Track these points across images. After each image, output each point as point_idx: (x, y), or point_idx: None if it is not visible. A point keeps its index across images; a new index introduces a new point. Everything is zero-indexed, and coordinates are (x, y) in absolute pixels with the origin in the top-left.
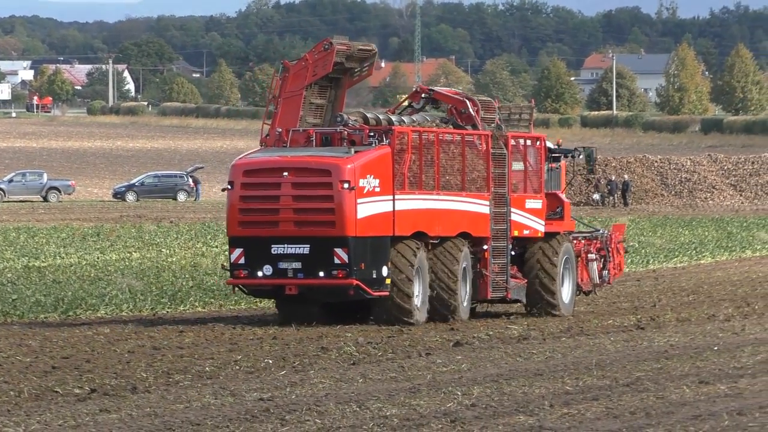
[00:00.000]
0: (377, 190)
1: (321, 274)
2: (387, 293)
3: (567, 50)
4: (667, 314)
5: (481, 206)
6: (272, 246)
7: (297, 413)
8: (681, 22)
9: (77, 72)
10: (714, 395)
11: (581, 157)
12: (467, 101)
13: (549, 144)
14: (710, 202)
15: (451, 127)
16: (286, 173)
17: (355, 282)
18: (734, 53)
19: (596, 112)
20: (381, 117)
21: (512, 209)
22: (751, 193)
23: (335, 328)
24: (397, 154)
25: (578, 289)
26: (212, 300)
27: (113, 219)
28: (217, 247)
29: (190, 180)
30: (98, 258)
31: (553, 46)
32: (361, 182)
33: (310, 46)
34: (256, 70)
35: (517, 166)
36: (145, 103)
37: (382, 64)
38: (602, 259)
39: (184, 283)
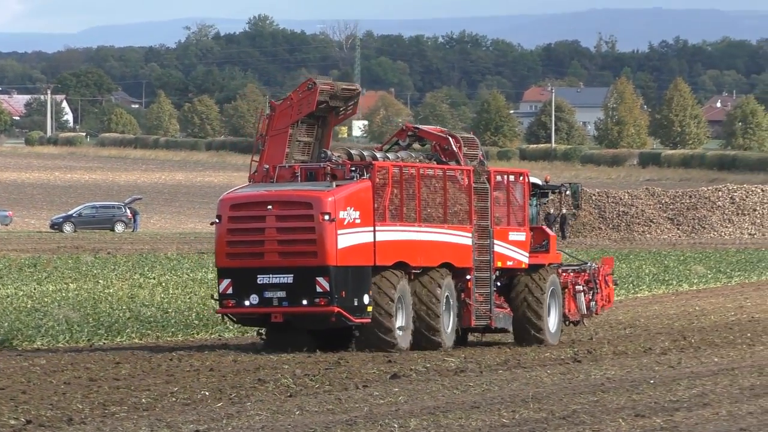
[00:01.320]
0: (357, 221)
1: (304, 302)
2: (368, 320)
3: (506, 83)
4: (603, 347)
5: (464, 238)
6: (258, 276)
7: None
8: (620, 56)
9: (15, 102)
10: (650, 429)
11: (568, 193)
12: (450, 138)
13: (537, 180)
14: (648, 235)
15: (434, 162)
16: (270, 206)
17: (337, 309)
18: (673, 87)
19: (535, 145)
20: (366, 153)
21: (495, 241)
22: (688, 227)
23: (272, 359)
24: (378, 188)
25: (566, 320)
26: (149, 332)
27: (50, 250)
28: (154, 278)
29: (128, 211)
30: (35, 289)
31: (492, 79)
32: (342, 214)
33: (250, 78)
34: (195, 101)
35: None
36: (84, 134)
37: None
38: (590, 291)
39: (121, 315)
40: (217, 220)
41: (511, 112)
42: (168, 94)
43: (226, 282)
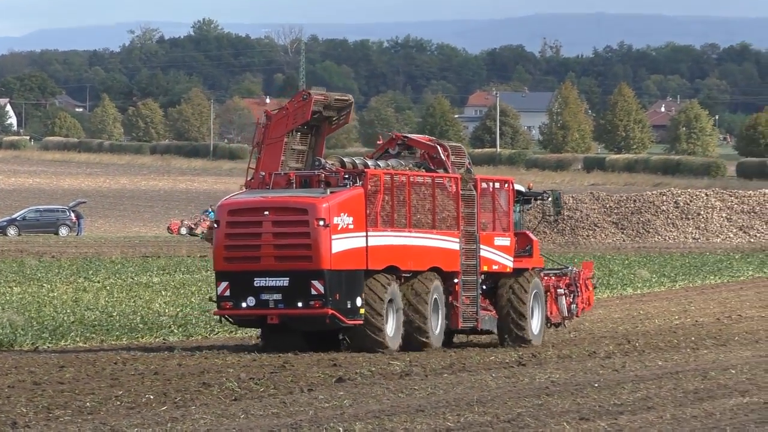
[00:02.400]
0: (351, 227)
1: (299, 304)
2: (361, 322)
3: (451, 88)
4: (548, 351)
5: (452, 243)
6: (255, 279)
7: None
8: (564, 61)
9: None
10: None
11: (549, 199)
12: (438, 147)
13: (520, 187)
14: (592, 239)
15: (423, 170)
16: (266, 212)
17: (331, 311)
18: (617, 92)
19: (480, 150)
20: (357, 161)
21: (482, 246)
22: (632, 231)
23: (217, 363)
24: (370, 195)
25: (548, 321)
26: (93, 335)
27: None
28: (98, 282)
29: (73, 215)
30: None
31: (437, 84)
32: (336, 220)
33: (195, 82)
34: (140, 104)
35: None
36: (28, 138)
37: (267, 100)
38: (571, 294)
39: (65, 318)
40: (216, 225)
41: (456, 116)
42: (112, 97)
43: (223, 284)
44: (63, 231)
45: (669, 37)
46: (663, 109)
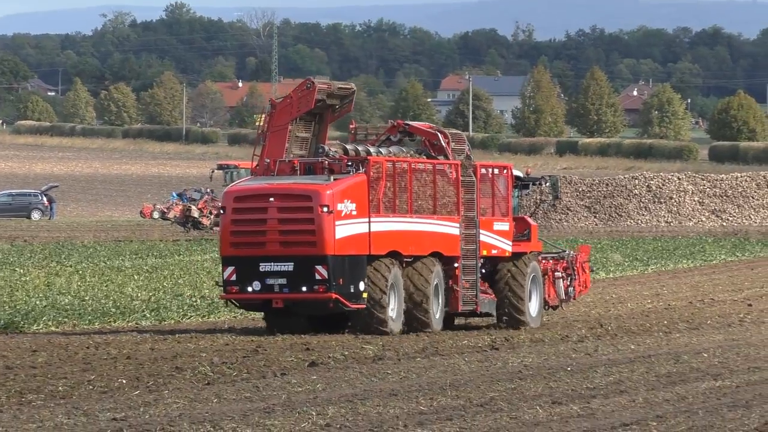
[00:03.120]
0: (354, 213)
1: (304, 288)
2: (364, 306)
3: (424, 71)
4: (521, 335)
5: (452, 228)
6: (260, 264)
7: None
8: (537, 45)
9: None
10: (567, 415)
11: (547, 184)
12: (439, 134)
13: (518, 172)
14: (565, 223)
15: (424, 157)
16: (272, 199)
17: (334, 296)
18: (589, 76)
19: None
20: (360, 148)
21: (481, 231)
22: (605, 214)
23: (190, 347)
24: (372, 181)
25: (545, 304)
26: (66, 319)
27: None
28: (71, 266)
29: (45, 199)
30: None
31: (410, 68)
32: (339, 206)
33: (167, 65)
34: (112, 88)
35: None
36: (0, 122)
37: (240, 84)
38: (568, 278)
39: (37, 302)
40: (222, 211)
41: (429, 100)
42: (84, 81)
43: (230, 269)
44: (35, 215)
45: (641, 21)
46: (635, 93)
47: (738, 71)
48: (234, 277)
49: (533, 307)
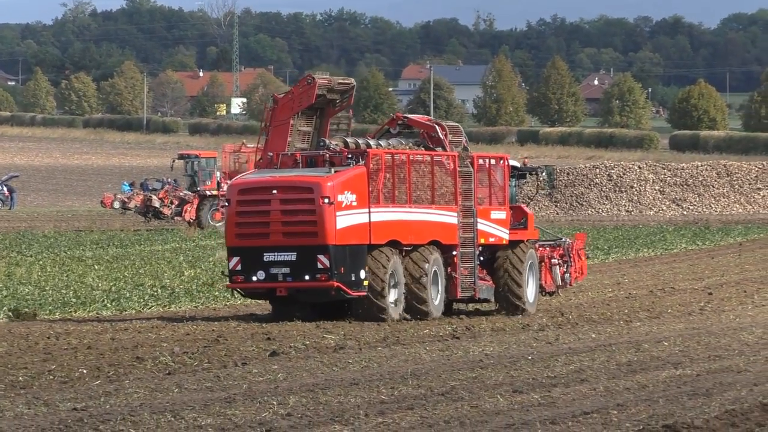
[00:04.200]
0: (354, 204)
1: (306, 277)
2: (365, 293)
3: (385, 61)
4: (482, 324)
5: (450, 217)
6: (264, 254)
7: (111, 423)
8: (498, 34)
9: None
10: (527, 404)
11: (544, 174)
12: (437, 126)
13: (515, 163)
14: None
15: (422, 149)
16: (275, 191)
17: (336, 284)
18: (550, 65)
19: None
20: (360, 141)
21: (478, 220)
22: (566, 204)
23: (151, 337)
24: (372, 173)
25: (542, 290)
26: (26, 309)
27: None
28: (31, 256)
29: (5, 189)
30: None
31: (371, 57)
32: (340, 197)
33: (128, 55)
34: (72, 78)
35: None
36: None
37: (201, 74)
38: (564, 264)
39: None
40: (227, 203)
41: (390, 89)
42: (45, 71)
43: (235, 259)
44: None
45: (602, 10)
46: (596, 82)
47: (698, 60)
48: (239, 267)
49: (530, 293)
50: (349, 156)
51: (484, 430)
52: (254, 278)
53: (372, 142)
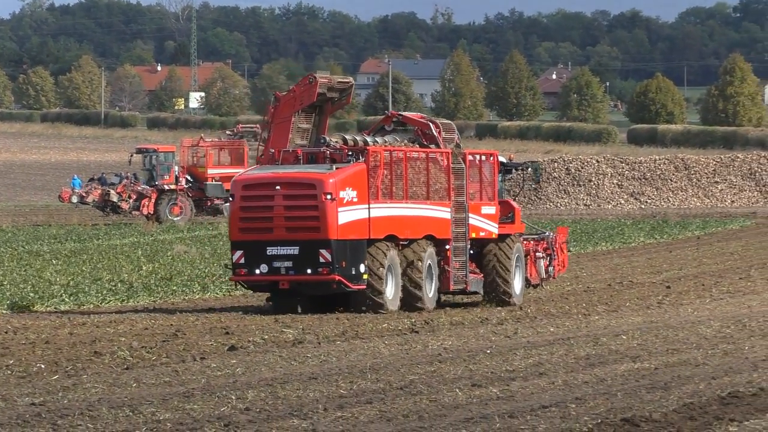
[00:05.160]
0: (355, 200)
1: (309, 271)
2: (364, 287)
3: (344, 55)
4: (441, 317)
5: (443, 212)
6: (267, 248)
7: (69, 418)
8: (456, 28)
9: None
10: (486, 398)
11: (530, 170)
12: (431, 124)
13: (502, 158)
14: None
15: (417, 146)
16: (278, 187)
17: (337, 278)
18: (508, 59)
19: (373, 117)
20: (358, 138)
21: (470, 215)
22: (524, 197)
23: (109, 332)
24: (371, 170)
25: (528, 283)
26: None
27: None
28: None
29: None
30: None
31: (329, 51)
32: (341, 194)
33: (85, 49)
34: (30, 72)
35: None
36: None
37: (159, 68)
38: (548, 257)
39: None
40: (231, 199)
41: None
42: (2, 65)
43: (238, 253)
44: None
45: (560, 4)
46: (554, 76)
47: (656, 54)
48: (242, 261)
49: (517, 285)
50: (349, 153)
51: (443, 424)
52: (257, 271)
53: (369, 139)
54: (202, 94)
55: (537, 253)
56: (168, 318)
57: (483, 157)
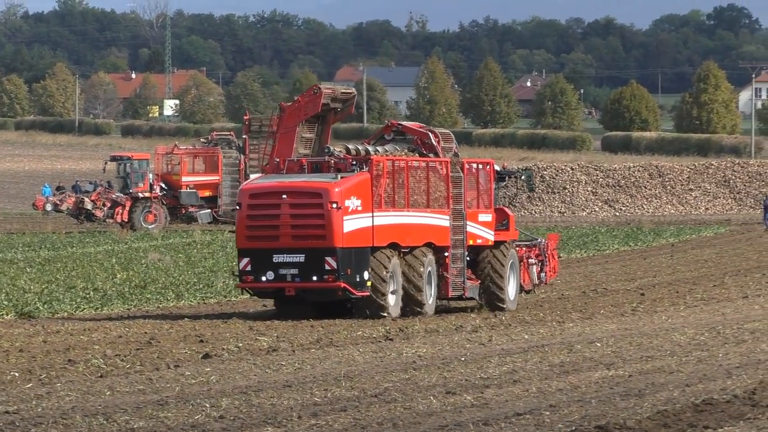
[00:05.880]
0: (359, 208)
1: (314, 278)
2: (368, 293)
3: (318, 62)
4: (415, 325)
5: (443, 220)
6: (274, 255)
7: (43, 426)
8: (431, 36)
9: None
10: (461, 405)
11: (523, 177)
12: (430, 133)
13: (496, 167)
14: None
15: (417, 155)
16: (284, 196)
17: (343, 285)
18: (483, 66)
19: (347, 125)
20: (360, 148)
21: (467, 222)
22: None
23: (83, 339)
24: (374, 179)
25: (521, 288)
26: None
27: None
28: None
29: None
30: None
31: (304, 59)
32: (346, 202)
33: (59, 57)
34: (4, 80)
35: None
36: None
37: (133, 75)
38: (540, 264)
39: None
40: (238, 207)
41: None
42: None
43: (245, 260)
44: None
45: (534, 12)
46: (529, 84)
47: (630, 61)
48: (249, 268)
49: (512, 291)
50: (353, 162)
51: None
52: (264, 278)
53: (371, 148)
54: (177, 101)
55: (529, 260)
56: (142, 326)
57: (479, 166)
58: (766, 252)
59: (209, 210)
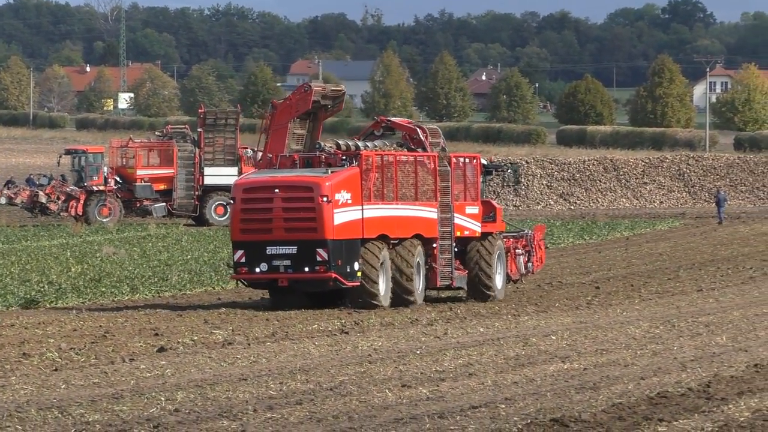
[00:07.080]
0: (349, 202)
1: (306, 269)
2: (359, 284)
3: (273, 56)
4: (371, 318)
5: (431, 213)
6: (267, 248)
7: None
8: (386, 29)
9: None
10: (416, 398)
11: (509, 171)
12: (418, 129)
13: (483, 161)
14: None
15: (405, 150)
16: (277, 190)
17: (334, 275)
18: (438, 60)
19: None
20: (350, 143)
21: (455, 214)
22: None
23: (38, 333)
24: (364, 173)
25: (508, 278)
26: None
27: None
28: None
29: None
30: None
31: (259, 52)
32: (337, 196)
33: (14, 50)
34: None
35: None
36: None
37: (87, 69)
38: (527, 254)
39: None
40: (232, 201)
41: (279, 84)
42: None
43: (239, 252)
44: None
45: (489, 6)
46: (484, 78)
47: (585, 55)
48: (243, 260)
49: (499, 281)
50: (343, 157)
51: (373, 425)
52: (257, 270)
53: (360, 144)
54: (131, 95)
55: (517, 250)
56: (97, 319)
57: (466, 160)
58: (720, 245)
59: (164, 203)
